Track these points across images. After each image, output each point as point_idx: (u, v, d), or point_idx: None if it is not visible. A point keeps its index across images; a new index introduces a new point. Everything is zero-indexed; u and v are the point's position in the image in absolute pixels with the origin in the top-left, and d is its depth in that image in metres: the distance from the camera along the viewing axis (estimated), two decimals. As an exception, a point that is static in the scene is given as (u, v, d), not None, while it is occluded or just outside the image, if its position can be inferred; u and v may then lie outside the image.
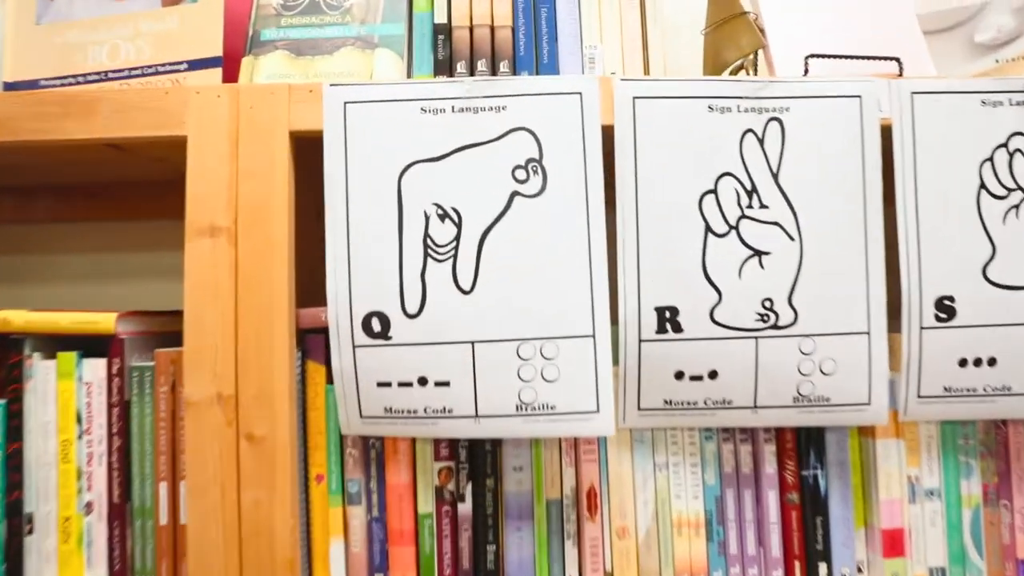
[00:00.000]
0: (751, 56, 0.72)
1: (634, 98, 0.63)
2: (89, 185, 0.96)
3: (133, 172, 0.89)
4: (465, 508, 0.65)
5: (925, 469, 0.67)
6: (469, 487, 0.65)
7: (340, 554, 0.64)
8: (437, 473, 0.65)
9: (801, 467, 0.67)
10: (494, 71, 0.68)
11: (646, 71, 0.70)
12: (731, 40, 0.70)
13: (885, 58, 0.68)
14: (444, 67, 0.67)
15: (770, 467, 0.66)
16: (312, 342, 0.66)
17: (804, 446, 0.67)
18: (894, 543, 0.67)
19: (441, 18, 0.67)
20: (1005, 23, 0.72)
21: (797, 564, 0.66)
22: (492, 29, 0.67)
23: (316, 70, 0.67)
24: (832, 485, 0.67)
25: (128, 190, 0.96)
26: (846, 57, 0.67)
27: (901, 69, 0.68)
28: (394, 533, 0.65)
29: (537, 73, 0.69)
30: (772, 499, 0.66)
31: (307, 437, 0.65)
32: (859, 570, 0.67)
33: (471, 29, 0.67)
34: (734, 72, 0.73)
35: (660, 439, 0.66)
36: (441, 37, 0.67)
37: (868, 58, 0.68)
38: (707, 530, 0.66)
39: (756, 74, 0.73)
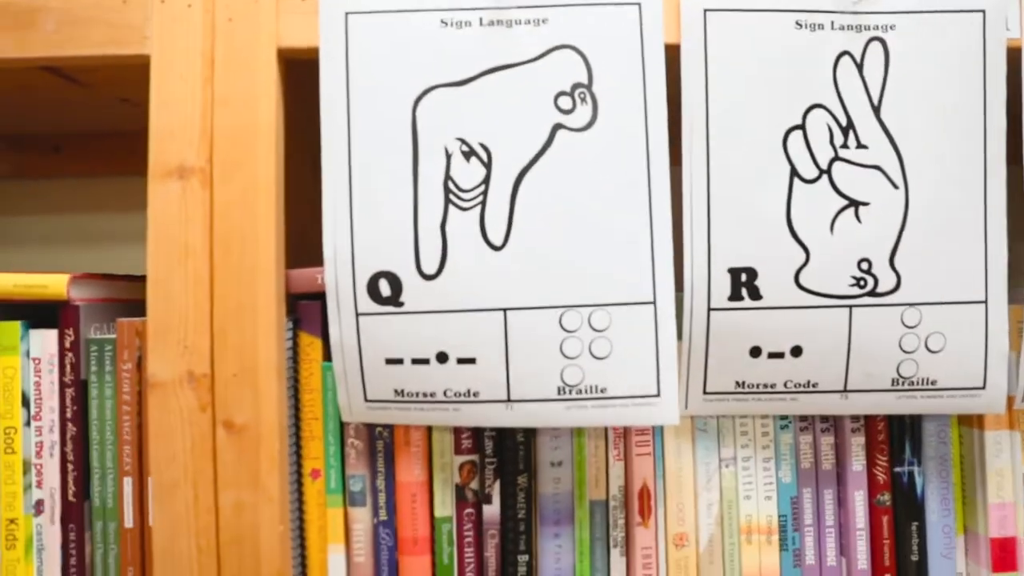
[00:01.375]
0: (834, -29, 0.59)
1: (705, 10, 0.51)
2: (52, 137, 0.84)
3: (101, 120, 0.77)
4: (492, 511, 0.54)
5: (1041, 466, 0.57)
6: (497, 486, 0.54)
7: (341, 565, 0.53)
8: (458, 469, 0.54)
9: (894, 463, 0.56)
10: (529, -21, 0.56)
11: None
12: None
13: (1004, -31, 0.56)
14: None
15: (858, 463, 0.55)
16: (306, 310, 0.54)
17: (898, 438, 0.56)
18: (1005, 555, 0.56)
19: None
20: None
21: (888, 578, 0.56)
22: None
23: (310, -23, 0.55)
24: (930, 484, 0.56)
25: (97, 142, 0.84)
26: (957, -33, 0.55)
27: (1023, -17, 0.56)
28: (406, 540, 0.54)
29: (579, -15, 0.57)
30: (859, 500, 0.55)
31: (300, 425, 0.54)
32: (960, 584, 0.57)
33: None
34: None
35: (727, 428, 0.55)
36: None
37: (984, -31, 0.55)
38: (781, 537, 0.55)
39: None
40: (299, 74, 0.54)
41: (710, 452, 0.55)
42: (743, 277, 0.51)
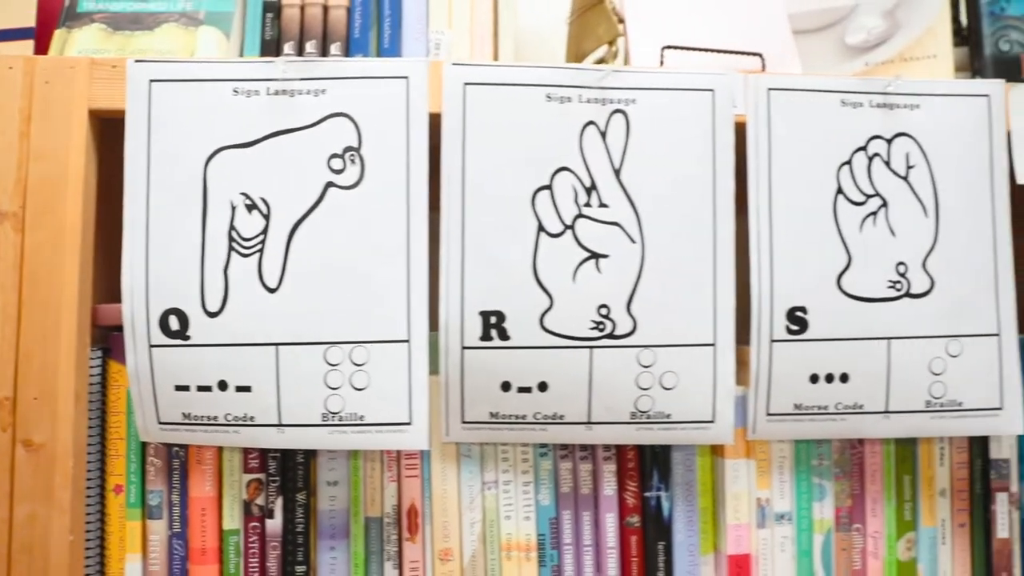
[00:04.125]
0: (614, 49, 0.67)
1: (465, 84, 0.58)
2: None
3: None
4: (274, 525, 0.60)
5: (776, 492, 0.63)
6: (279, 502, 0.60)
7: (137, 573, 0.59)
8: (246, 486, 0.60)
9: (644, 488, 0.62)
10: (324, 53, 0.63)
11: (496, 60, 0.65)
12: (590, 29, 0.66)
13: (747, 53, 0.63)
14: (272, 48, 0.62)
15: (609, 488, 0.62)
16: (115, 341, 0.60)
17: (647, 466, 0.62)
18: (740, 570, 0.62)
19: (272, -6, 0.62)
20: (875, 25, 0.67)
21: (636, 592, 0.62)
22: (325, 8, 0.62)
23: (134, 47, 0.62)
24: (677, 508, 0.62)
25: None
26: (706, 50, 0.63)
27: (764, 65, 0.64)
28: (196, 551, 0.59)
29: (378, 56, 0.64)
30: (611, 522, 0.61)
31: (106, 444, 0.60)
32: (708, 599, 0.63)
33: (302, 7, 0.62)
34: (598, 64, 0.68)
35: (490, 455, 0.61)
36: (270, 15, 0.62)
37: (729, 52, 0.63)
38: (539, 554, 0.61)
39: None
40: (114, 129, 0.60)
41: (473, 476, 0.61)
42: (493, 320, 0.58)
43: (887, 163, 0.61)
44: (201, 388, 0.57)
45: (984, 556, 0.65)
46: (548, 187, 0.58)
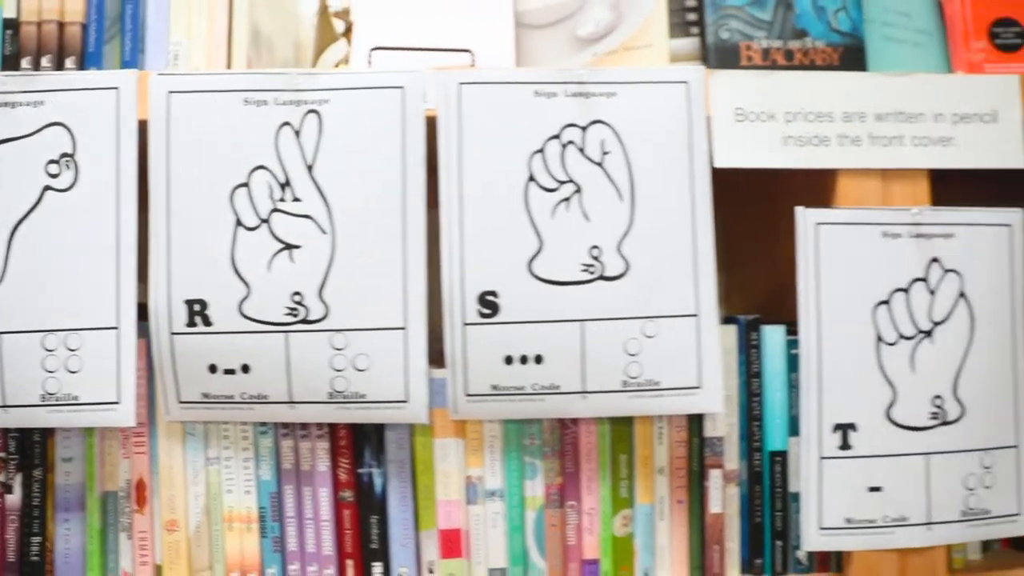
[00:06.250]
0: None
1: (169, 92, 0.63)
2: None
3: None
4: (14, 499, 0.65)
5: (488, 470, 0.66)
6: (19, 478, 0.65)
7: (-99, 541, 0.66)
8: (-7, 464, 0.66)
9: (357, 465, 0.66)
10: (60, 68, 0.68)
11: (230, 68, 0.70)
12: (321, 32, 0.70)
13: (456, 50, 0.66)
14: (13, 63, 0.68)
15: (323, 464, 0.65)
16: None
17: (359, 443, 0.66)
18: (451, 544, 0.65)
19: (11, 12, 0.68)
20: (603, 17, 0.69)
21: (351, 562, 0.65)
22: (61, 25, 0.68)
23: None
24: (391, 484, 0.66)
25: None
26: (413, 49, 0.66)
27: (474, 61, 0.67)
28: (-53, 522, 0.66)
29: (121, 68, 0.70)
30: (325, 496, 0.65)
31: None
32: (430, 571, 0.66)
33: (39, 24, 0.68)
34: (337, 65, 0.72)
35: (213, 433, 0.66)
36: (9, 32, 0.68)
37: (437, 50, 0.66)
38: (261, 526, 0.65)
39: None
40: None
41: (197, 452, 0.65)
42: (196, 307, 0.62)
43: (581, 150, 0.64)
44: (-60, 374, 0.63)
45: (700, 530, 0.66)
46: (245, 184, 0.63)
